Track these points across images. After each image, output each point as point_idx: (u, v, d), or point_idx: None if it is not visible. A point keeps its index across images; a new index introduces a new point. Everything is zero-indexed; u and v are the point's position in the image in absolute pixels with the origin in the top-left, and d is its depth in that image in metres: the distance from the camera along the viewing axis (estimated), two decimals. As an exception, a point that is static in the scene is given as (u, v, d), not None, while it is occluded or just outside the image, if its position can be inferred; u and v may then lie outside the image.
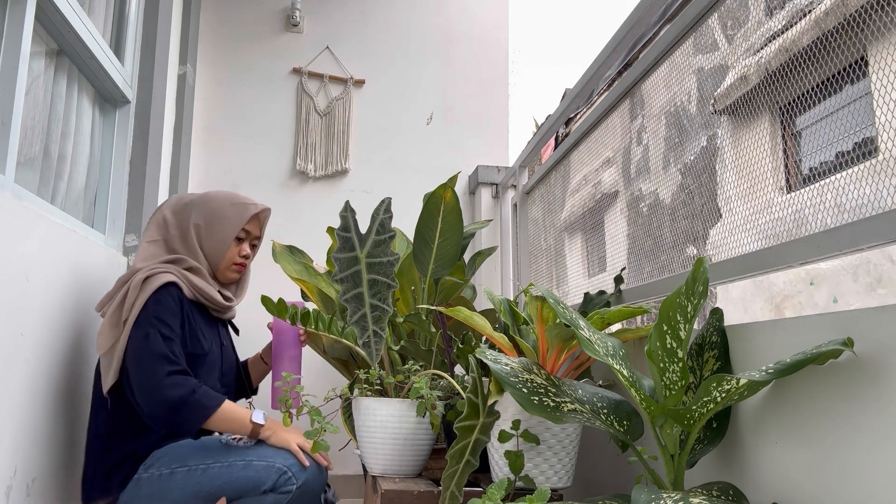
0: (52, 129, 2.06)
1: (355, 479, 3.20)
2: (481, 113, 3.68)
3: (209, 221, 1.87)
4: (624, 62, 2.21)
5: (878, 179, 1.04)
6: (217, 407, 1.61)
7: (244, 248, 1.92)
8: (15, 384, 1.58)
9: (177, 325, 1.70)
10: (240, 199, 1.91)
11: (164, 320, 1.68)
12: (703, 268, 1.11)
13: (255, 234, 1.94)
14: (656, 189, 1.89)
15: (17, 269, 1.56)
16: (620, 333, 1.61)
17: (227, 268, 1.90)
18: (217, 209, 1.87)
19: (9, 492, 1.55)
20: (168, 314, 1.69)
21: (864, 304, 4.61)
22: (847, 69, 1.12)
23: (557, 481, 1.49)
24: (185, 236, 1.86)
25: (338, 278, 1.64)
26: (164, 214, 1.89)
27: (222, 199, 1.91)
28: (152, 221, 1.89)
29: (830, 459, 1.00)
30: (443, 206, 2.26)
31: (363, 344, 1.66)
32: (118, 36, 2.56)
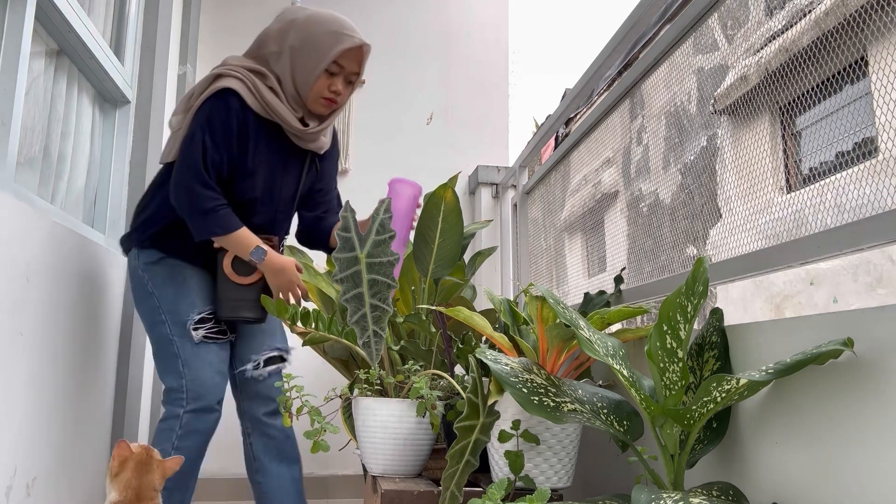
0: (52, 129, 2.06)
1: (355, 479, 3.20)
2: (481, 113, 3.67)
3: (303, 46, 1.75)
4: (624, 62, 2.21)
5: (878, 179, 1.04)
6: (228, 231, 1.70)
7: (335, 82, 1.78)
8: (15, 384, 1.58)
9: (222, 135, 1.70)
10: (339, 28, 1.76)
11: (213, 126, 1.70)
12: (703, 268, 1.11)
13: (350, 69, 1.80)
14: (656, 189, 1.89)
15: (17, 269, 1.56)
16: (620, 333, 1.61)
17: (314, 100, 1.79)
18: (314, 35, 1.74)
19: (9, 492, 1.55)
20: (217, 121, 1.70)
21: (864, 304, 4.61)
22: (847, 69, 1.12)
23: (557, 481, 1.49)
24: (280, 55, 1.77)
25: (338, 278, 1.64)
26: (270, 27, 1.81)
27: (324, 24, 1.76)
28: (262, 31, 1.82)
29: (830, 459, 1.00)
30: (443, 206, 2.26)
31: (363, 344, 1.66)
32: (118, 36, 2.56)
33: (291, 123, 1.77)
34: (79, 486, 2.02)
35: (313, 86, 1.76)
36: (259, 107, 1.75)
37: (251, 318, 1.81)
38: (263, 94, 1.74)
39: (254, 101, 1.75)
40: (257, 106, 1.75)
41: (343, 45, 1.74)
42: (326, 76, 1.76)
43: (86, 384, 2.06)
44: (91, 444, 2.14)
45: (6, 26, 1.70)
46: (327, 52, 1.73)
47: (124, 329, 2.40)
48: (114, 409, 2.35)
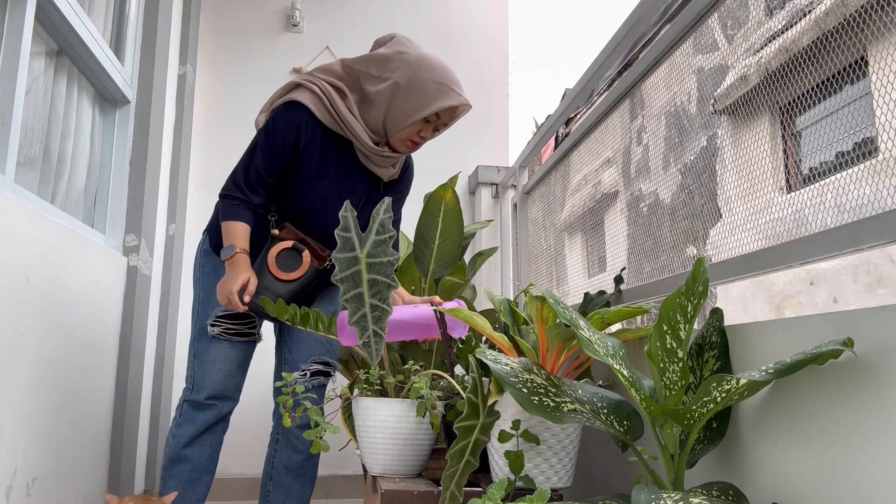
0: (52, 129, 2.06)
1: (355, 479, 3.20)
2: (481, 113, 3.67)
3: (408, 87, 1.72)
4: (624, 62, 2.21)
5: (878, 179, 1.04)
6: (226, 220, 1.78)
7: (425, 130, 1.79)
8: (15, 384, 1.58)
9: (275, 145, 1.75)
10: (449, 82, 1.74)
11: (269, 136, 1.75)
12: (703, 268, 1.10)
13: (444, 121, 1.80)
14: (656, 189, 1.89)
15: (17, 270, 1.56)
16: (620, 333, 1.61)
17: (400, 140, 1.79)
18: (421, 81, 1.72)
19: (9, 492, 1.55)
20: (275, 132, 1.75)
21: (864, 304, 4.62)
22: (847, 69, 1.12)
23: (557, 481, 1.49)
24: (379, 83, 1.75)
25: (338, 278, 1.63)
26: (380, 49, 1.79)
27: (434, 72, 1.73)
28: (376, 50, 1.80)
29: (830, 459, 1.00)
30: (443, 206, 2.26)
31: (363, 344, 1.66)
32: (118, 36, 2.56)
33: (365, 141, 1.77)
34: (79, 486, 2.03)
35: (405, 129, 1.76)
36: (331, 120, 1.77)
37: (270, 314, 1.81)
38: (339, 109, 1.75)
39: (325, 116, 1.76)
40: (328, 120, 1.77)
41: (449, 102, 1.72)
42: (421, 123, 1.76)
43: (86, 384, 2.06)
44: (91, 445, 2.14)
45: (6, 26, 1.70)
46: (432, 103, 1.71)
47: (124, 329, 2.40)
48: (114, 409, 2.35)
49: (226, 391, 1.85)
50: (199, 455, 1.84)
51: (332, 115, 1.76)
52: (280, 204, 1.85)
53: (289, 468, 1.92)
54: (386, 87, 1.73)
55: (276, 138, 1.75)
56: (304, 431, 1.88)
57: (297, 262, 1.80)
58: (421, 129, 1.77)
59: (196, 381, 1.84)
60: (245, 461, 2.97)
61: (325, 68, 1.81)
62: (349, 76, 1.79)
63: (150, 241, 2.65)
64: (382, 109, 1.75)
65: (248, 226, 1.79)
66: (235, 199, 1.78)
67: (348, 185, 1.85)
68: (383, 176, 1.88)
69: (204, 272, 1.91)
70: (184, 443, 1.82)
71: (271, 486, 1.93)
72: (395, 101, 1.73)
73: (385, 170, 1.87)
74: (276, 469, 1.93)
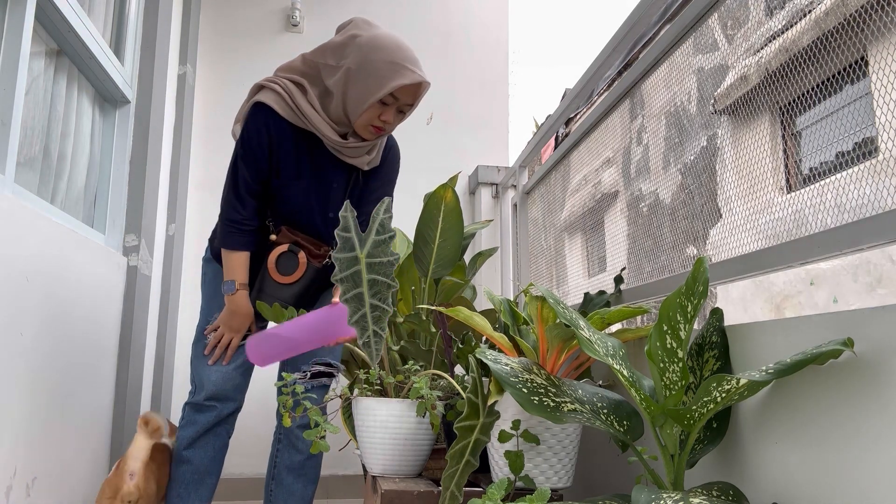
0: (52, 129, 2.06)
1: (355, 479, 3.20)
2: (481, 113, 3.68)
3: (359, 71, 1.67)
4: (624, 62, 2.21)
5: (878, 179, 1.04)
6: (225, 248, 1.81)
7: (386, 113, 1.72)
8: (15, 384, 1.58)
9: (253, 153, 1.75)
10: (401, 60, 1.67)
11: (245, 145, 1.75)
12: (703, 268, 1.10)
13: (405, 101, 1.73)
14: (656, 189, 1.89)
15: (17, 269, 1.56)
16: (620, 333, 1.61)
17: (362, 126, 1.74)
18: (372, 63, 1.66)
19: (9, 492, 1.55)
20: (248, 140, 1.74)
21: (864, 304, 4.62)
22: (847, 69, 1.12)
23: (557, 481, 1.49)
24: (335, 72, 1.71)
25: (338, 278, 1.63)
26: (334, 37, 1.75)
27: (385, 51, 1.67)
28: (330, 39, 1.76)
29: (830, 459, 1.00)
30: (443, 206, 2.26)
31: (363, 344, 1.66)
32: (118, 36, 2.56)
33: (329, 136, 1.75)
34: (79, 486, 2.03)
35: (363, 114, 1.71)
36: (295, 118, 1.75)
37: None
38: (301, 106, 1.73)
39: (290, 113, 1.74)
40: (293, 117, 1.75)
41: (402, 81, 1.66)
42: (378, 106, 1.70)
43: (86, 384, 2.06)
44: (91, 444, 2.14)
45: (6, 26, 1.70)
46: (384, 84, 1.66)
47: (124, 329, 2.40)
48: (114, 409, 2.35)
49: (224, 392, 1.86)
50: (201, 457, 1.84)
51: (295, 113, 1.74)
52: (272, 209, 1.86)
53: (290, 468, 1.93)
54: (340, 75, 1.69)
55: (251, 144, 1.75)
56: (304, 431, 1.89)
57: (296, 265, 1.82)
58: (381, 112, 1.71)
59: (196, 384, 1.86)
60: (247, 461, 2.97)
61: (287, 66, 1.79)
62: (310, 70, 1.76)
63: (150, 241, 2.65)
64: (340, 98, 1.71)
65: (247, 254, 1.82)
66: (234, 225, 1.80)
67: (327, 180, 1.84)
68: (360, 165, 1.84)
69: (206, 280, 1.94)
70: (185, 445, 1.83)
71: (274, 486, 1.94)
72: (350, 88, 1.69)
73: (360, 159, 1.83)
74: (279, 469, 1.94)
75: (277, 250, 1.81)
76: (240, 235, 1.80)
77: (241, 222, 1.80)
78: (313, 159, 1.81)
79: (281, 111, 1.74)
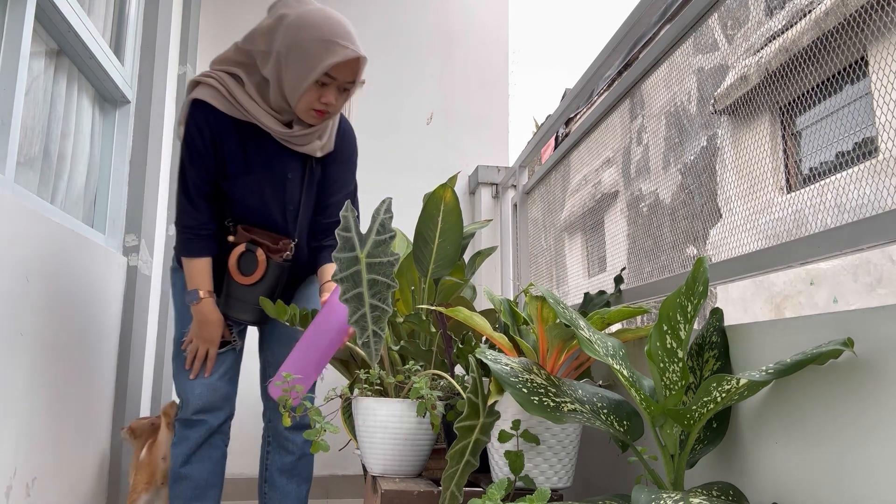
0: (52, 129, 2.06)
1: (355, 479, 3.20)
2: (481, 113, 3.68)
3: (290, 54, 1.58)
4: (624, 62, 2.21)
5: (878, 179, 1.04)
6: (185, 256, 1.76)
7: (326, 94, 1.62)
8: (15, 384, 1.58)
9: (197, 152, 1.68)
10: (332, 37, 1.56)
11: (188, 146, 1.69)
12: (703, 268, 1.10)
13: (344, 79, 1.63)
14: (656, 189, 1.89)
15: (17, 270, 1.56)
16: (620, 333, 1.61)
17: (304, 111, 1.65)
18: (302, 43, 1.56)
19: (9, 492, 1.55)
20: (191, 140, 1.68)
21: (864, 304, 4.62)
22: (847, 69, 1.12)
23: (557, 481, 1.49)
24: (268, 58, 1.62)
25: (338, 278, 1.63)
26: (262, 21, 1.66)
27: (315, 28, 1.57)
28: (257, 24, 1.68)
29: (831, 459, 1.00)
30: (443, 206, 2.26)
31: (363, 344, 1.66)
32: (118, 36, 2.56)
33: (272, 127, 1.67)
34: (79, 486, 2.03)
35: (301, 98, 1.62)
36: (235, 111, 1.67)
37: (246, 321, 1.81)
38: (239, 98, 1.65)
39: (228, 106, 1.67)
40: (233, 110, 1.67)
41: (335, 59, 1.56)
42: (317, 87, 1.61)
43: (86, 384, 2.06)
44: (91, 445, 2.14)
45: (6, 26, 1.70)
46: (316, 64, 1.56)
47: (124, 329, 2.40)
48: (114, 409, 2.35)
49: (212, 404, 1.80)
50: (199, 472, 1.80)
51: (234, 105, 1.66)
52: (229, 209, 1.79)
53: (282, 470, 1.90)
54: (272, 61, 1.60)
55: (195, 143, 1.68)
56: (293, 432, 1.87)
57: (255, 263, 1.76)
58: (320, 94, 1.62)
59: (182, 399, 1.81)
60: (244, 461, 2.96)
61: (221, 57, 1.71)
62: (245, 58, 1.67)
63: (150, 241, 2.65)
64: (276, 85, 1.62)
65: (208, 259, 1.76)
66: (189, 231, 1.74)
67: (279, 172, 1.75)
68: (313, 152, 1.75)
69: (175, 290, 1.87)
70: (181, 462, 1.79)
71: (267, 489, 1.91)
72: (283, 73, 1.60)
73: (311, 146, 1.74)
74: (270, 472, 1.91)
75: (236, 251, 1.76)
76: (197, 241, 1.75)
77: (196, 228, 1.74)
78: (261, 152, 1.73)
79: (219, 105, 1.66)
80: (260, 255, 1.76)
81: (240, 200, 1.76)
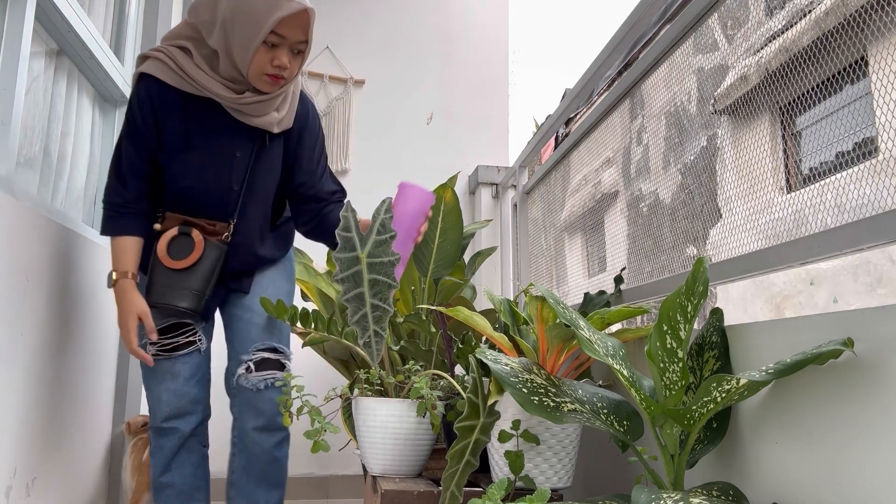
0: (52, 129, 2.06)
1: (355, 479, 3.19)
2: (481, 113, 3.68)
3: (234, 17, 1.52)
4: (624, 62, 2.21)
5: (878, 179, 1.04)
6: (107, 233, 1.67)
7: (278, 55, 1.55)
8: (15, 384, 1.58)
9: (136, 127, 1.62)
10: None
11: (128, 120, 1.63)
12: (703, 268, 1.11)
13: (295, 38, 1.56)
14: (656, 189, 1.89)
15: (17, 269, 1.56)
16: (620, 333, 1.61)
17: (256, 77, 1.58)
18: (245, 3, 1.51)
19: (9, 492, 1.55)
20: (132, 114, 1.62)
21: (864, 304, 4.62)
22: (847, 69, 1.12)
23: (557, 481, 1.49)
24: (213, 27, 1.56)
25: (338, 278, 1.63)
26: None
27: None
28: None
29: (831, 459, 1.00)
30: (443, 206, 2.26)
31: (364, 344, 1.66)
32: (118, 36, 2.56)
33: (220, 93, 1.59)
34: (79, 486, 2.03)
35: (251, 62, 1.55)
36: (183, 84, 1.60)
37: (182, 308, 1.64)
38: (187, 69, 1.59)
39: (176, 79, 1.60)
40: (181, 83, 1.60)
41: (280, 13, 1.49)
42: (266, 49, 1.54)
43: (86, 384, 2.06)
44: (91, 445, 2.14)
45: (6, 26, 1.70)
46: (262, 22, 1.50)
47: (124, 329, 2.40)
48: (114, 409, 2.35)
49: (181, 409, 1.69)
50: (181, 478, 1.71)
51: (183, 78, 1.60)
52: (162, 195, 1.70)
53: (249, 472, 1.74)
54: (218, 29, 1.55)
55: (135, 119, 1.62)
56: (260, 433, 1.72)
57: (191, 245, 1.64)
58: (272, 57, 1.55)
59: (150, 407, 1.71)
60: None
61: (171, 33, 1.66)
62: (194, 33, 1.61)
63: (150, 241, 2.65)
64: (225, 54, 1.56)
65: (134, 238, 1.65)
66: (114, 208, 1.65)
67: (227, 148, 1.66)
68: (269, 126, 1.66)
69: None
70: (159, 471, 1.70)
71: (233, 493, 1.76)
72: (231, 38, 1.54)
73: (266, 118, 1.65)
74: (237, 475, 1.76)
75: (166, 237, 1.64)
76: (121, 219, 1.65)
77: (121, 205, 1.64)
78: (207, 128, 1.65)
79: (166, 78, 1.60)
80: (196, 235, 1.65)
81: (176, 180, 1.66)
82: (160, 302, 1.64)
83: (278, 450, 1.75)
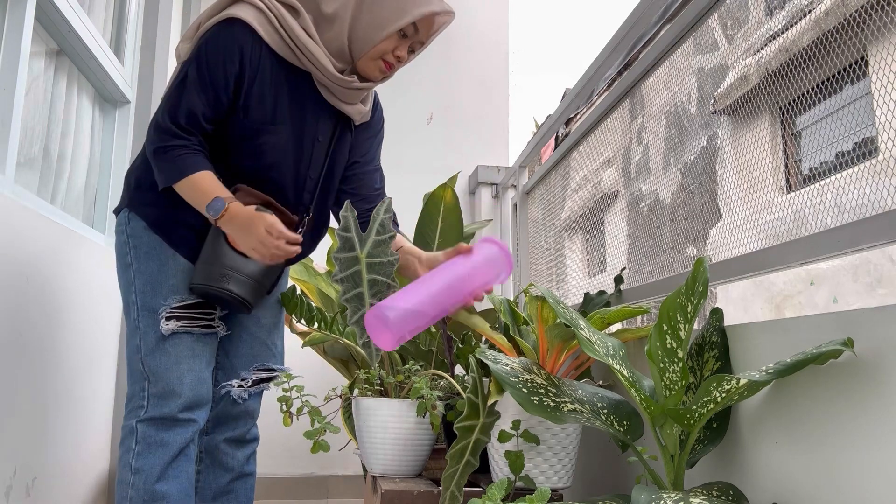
0: (52, 129, 2.06)
1: (355, 479, 3.19)
2: (481, 113, 3.67)
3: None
4: (624, 62, 2.21)
5: (878, 179, 1.04)
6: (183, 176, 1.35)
7: (402, 47, 1.44)
8: (14, 384, 1.58)
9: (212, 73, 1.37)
10: None
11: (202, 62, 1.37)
12: (703, 268, 1.10)
13: (422, 37, 1.46)
14: (656, 189, 1.89)
15: (17, 269, 1.56)
16: (620, 333, 1.61)
17: (371, 59, 1.43)
18: None
19: (9, 492, 1.55)
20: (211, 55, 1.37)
21: (864, 304, 4.62)
22: (847, 69, 1.12)
23: (557, 481, 1.49)
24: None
25: (338, 278, 1.63)
26: None
27: None
28: None
29: (831, 459, 1.00)
30: (443, 206, 2.26)
31: (363, 344, 1.66)
32: (118, 36, 2.56)
33: (327, 68, 1.41)
34: (79, 486, 2.03)
35: (378, 44, 1.41)
36: (281, 45, 1.40)
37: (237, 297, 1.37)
38: (293, 29, 1.38)
39: (275, 38, 1.39)
40: (279, 44, 1.40)
41: (431, 8, 1.40)
42: (397, 37, 1.42)
43: (85, 384, 2.06)
44: (91, 445, 2.14)
45: (6, 26, 1.70)
46: (409, 10, 1.38)
47: (124, 329, 2.40)
48: (113, 409, 2.35)
49: (202, 397, 1.43)
50: (178, 490, 1.39)
51: (283, 39, 1.40)
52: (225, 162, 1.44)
53: (217, 492, 1.56)
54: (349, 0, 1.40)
55: (213, 68, 1.37)
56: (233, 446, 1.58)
57: None
58: (397, 45, 1.43)
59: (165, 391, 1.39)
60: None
61: None
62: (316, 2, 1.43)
63: (150, 241, 2.65)
64: (345, 26, 1.40)
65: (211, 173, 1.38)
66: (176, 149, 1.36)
67: (311, 131, 1.48)
68: (353, 115, 1.52)
69: (139, 252, 1.43)
70: (156, 476, 1.36)
71: None
72: (363, 13, 1.40)
73: (355, 107, 1.51)
74: (203, 493, 1.55)
75: None
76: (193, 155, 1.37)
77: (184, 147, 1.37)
78: (296, 103, 1.45)
79: (264, 33, 1.38)
80: None
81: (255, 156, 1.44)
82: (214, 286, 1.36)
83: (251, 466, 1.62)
